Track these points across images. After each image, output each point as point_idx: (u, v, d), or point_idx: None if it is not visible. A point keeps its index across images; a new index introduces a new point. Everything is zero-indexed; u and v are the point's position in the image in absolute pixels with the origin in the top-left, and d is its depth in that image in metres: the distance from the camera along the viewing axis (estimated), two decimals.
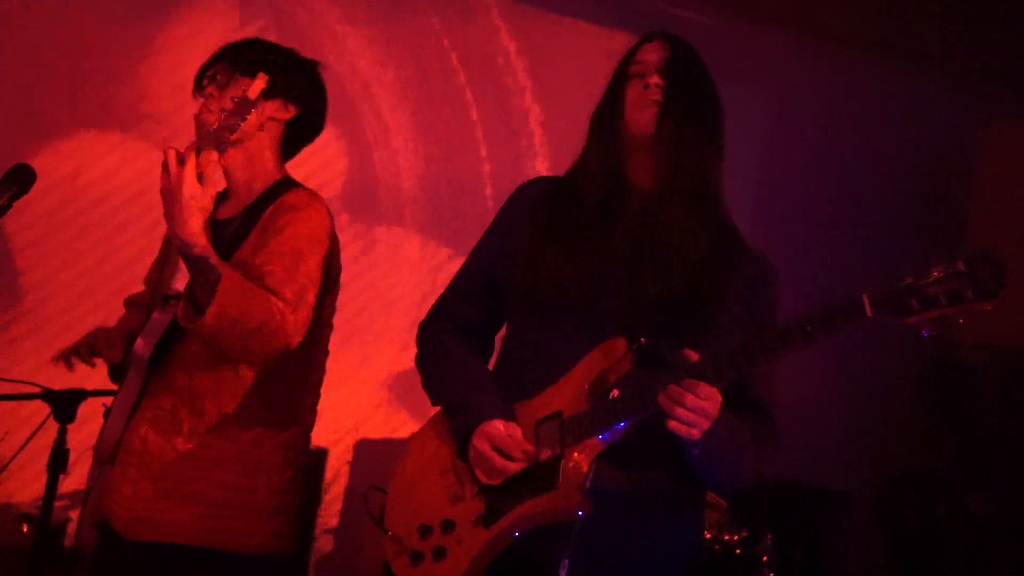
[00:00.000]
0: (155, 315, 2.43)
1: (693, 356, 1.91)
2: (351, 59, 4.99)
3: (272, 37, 2.71)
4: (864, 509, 4.75)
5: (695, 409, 1.87)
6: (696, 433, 1.89)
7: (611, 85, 2.23)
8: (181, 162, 2.09)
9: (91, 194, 4.60)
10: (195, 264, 2.15)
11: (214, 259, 2.15)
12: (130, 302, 2.73)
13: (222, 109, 2.21)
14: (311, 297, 2.33)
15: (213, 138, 2.12)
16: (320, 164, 4.83)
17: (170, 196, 2.10)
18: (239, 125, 2.12)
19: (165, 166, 2.11)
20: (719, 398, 1.90)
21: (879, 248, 5.27)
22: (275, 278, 2.27)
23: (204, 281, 2.16)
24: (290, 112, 2.52)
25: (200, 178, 2.10)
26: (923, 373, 4.77)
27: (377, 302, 4.92)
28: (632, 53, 2.23)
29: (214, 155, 2.12)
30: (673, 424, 1.89)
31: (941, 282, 1.69)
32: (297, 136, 2.58)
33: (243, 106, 2.11)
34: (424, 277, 5.03)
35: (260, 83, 2.13)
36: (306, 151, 2.66)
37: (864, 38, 5.36)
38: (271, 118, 2.50)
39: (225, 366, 2.35)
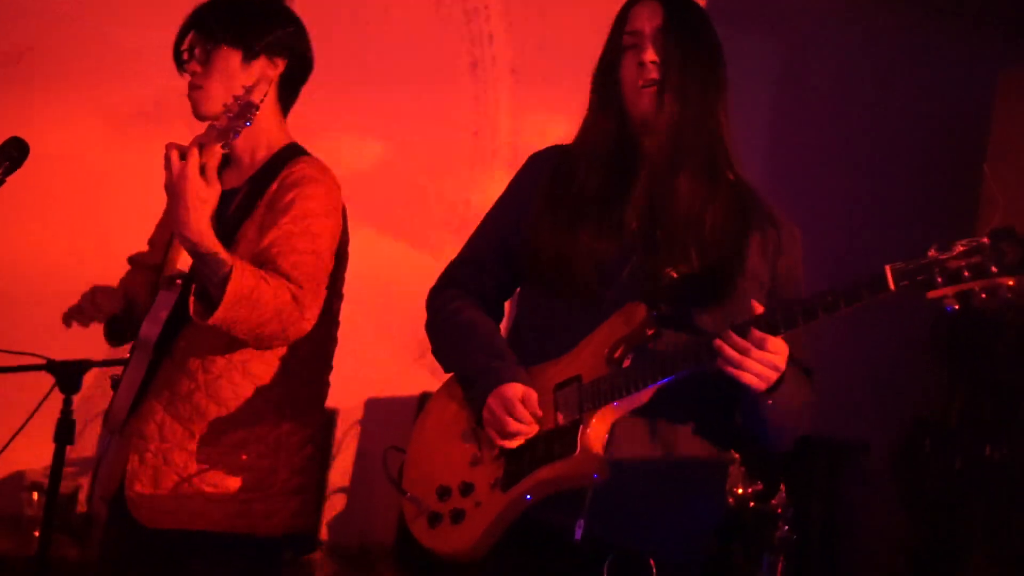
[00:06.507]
0: (160, 296, 2.37)
1: (759, 308, 1.87)
2: None
3: None
4: (881, 459, 4.72)
5: (765, 362, 1.84)
6: (762, 385, 1.86)
7: (606, 53, 2.16)
8: (183, 158, 2.06)
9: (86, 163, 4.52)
10: (203, 261, 2.12)
11: (223, 254, 2.12)
12: (134, 261, 2.67)
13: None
14: (324, 277, 2.30)
15: (218, 135, 2.10)
16: None
17: (174, 194, 2.08)
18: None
19: (168, 163, 2.08)
20: (787, 351, 1.87)
21: (893, 195, 5.21)
22: (287, 262, 2.23)
23: (213, 277, 2.12)
24: (278, 67, 2.43)
25: (203, 172, 2.07)
26: (938, 321, 4.71)
27: (387, 261, 4.86)
28: (624, 19, 2.14)
29: (218, 150, 2.10)
30: (740, 374, 1.85)
31: (965, 256, 1.66)
32: (292, 85, 2.49)
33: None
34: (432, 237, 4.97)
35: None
36: None
37: None
38: (261, 79, 2.40)
39: (239, 347, 2.29)
